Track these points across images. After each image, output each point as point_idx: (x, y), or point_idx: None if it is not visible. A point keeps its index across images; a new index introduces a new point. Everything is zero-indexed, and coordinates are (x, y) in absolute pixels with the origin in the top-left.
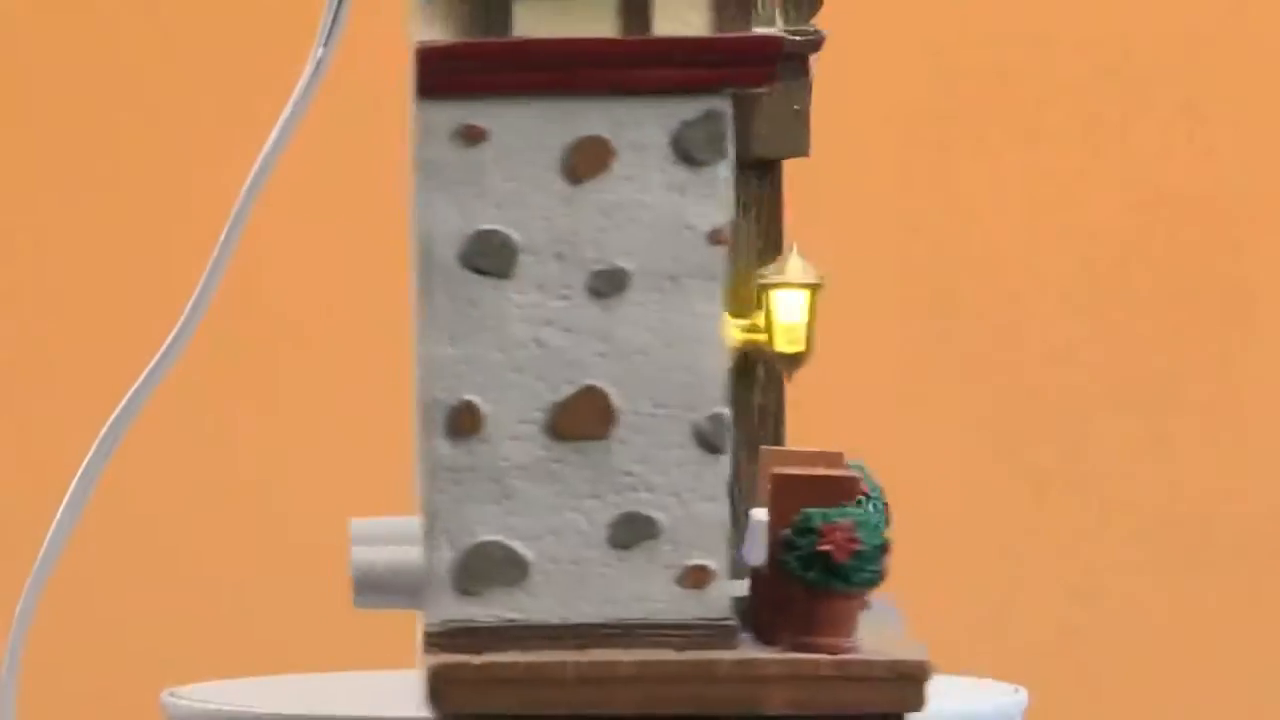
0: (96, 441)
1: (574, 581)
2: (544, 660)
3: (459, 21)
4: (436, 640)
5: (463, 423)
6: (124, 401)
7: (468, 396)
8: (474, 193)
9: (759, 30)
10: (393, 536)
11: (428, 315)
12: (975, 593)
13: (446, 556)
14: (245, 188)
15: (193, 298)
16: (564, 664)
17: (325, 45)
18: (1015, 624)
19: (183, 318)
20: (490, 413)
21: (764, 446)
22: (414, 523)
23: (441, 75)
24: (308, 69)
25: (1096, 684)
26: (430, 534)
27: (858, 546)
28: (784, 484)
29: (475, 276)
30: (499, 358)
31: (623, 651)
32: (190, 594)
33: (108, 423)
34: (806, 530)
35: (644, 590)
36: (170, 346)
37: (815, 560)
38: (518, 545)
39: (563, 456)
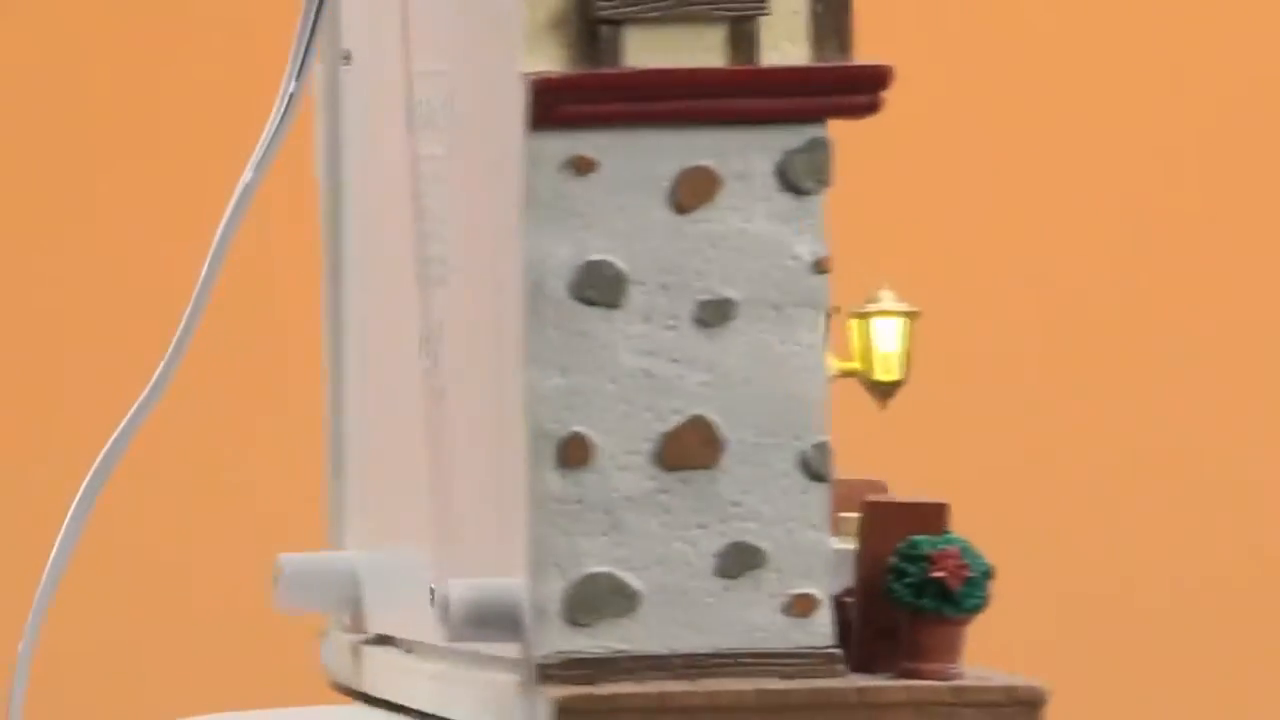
0: (93, 466)
1: (682, 611)
2: (668, 690)
3: (567, 52)
4: (551, 672)
5: (572, 454)
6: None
7: (577, 428)
8: (583, 224)
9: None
10: (322, 571)
11: (536, 347)
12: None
13: (556, 588)
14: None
15: (185, 313)
16: (690, 693)
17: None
18: None
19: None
20: (599, 444)
21: None
22: (341, 558)
23: (554, 107)
24: (277, 107)
25: None
26: (538, 566)
27: (968, 573)
28: (879, 512)
29: (584, 308)
30: (609, 388)
31: (734, 680)
32: (199, 622)
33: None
34: (916, 558)
35: (750, 619)
36: (166, 367)
37: (928, 587)
38: (627, 576)
39: (670, 486)
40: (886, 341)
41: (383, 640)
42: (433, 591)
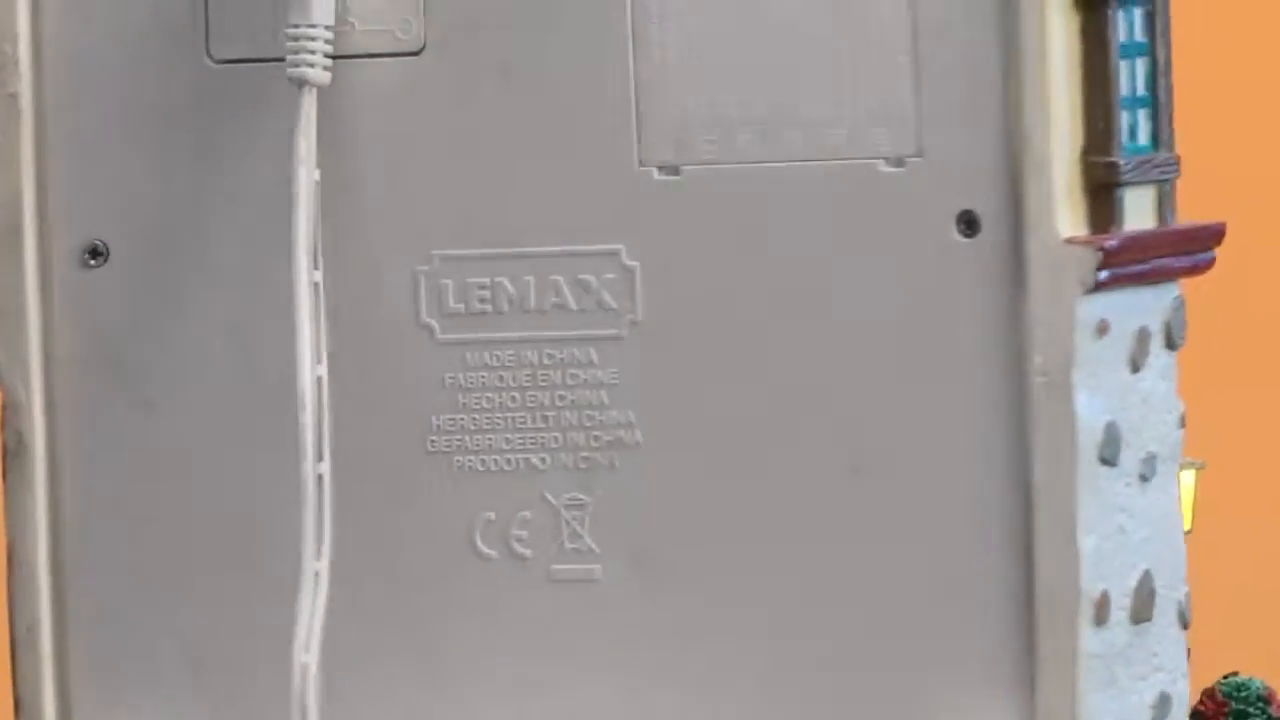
0: None
1: None
2: None
3: (1083, 215)
4: None
5: (1100, 612)
6: None
7: (1102, 586)
8: (1100, 385)
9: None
10: None
11: (1073, 508)
12: None
13: None
14: None
15: None
16: None
17: None
18: None
19: None
20: (1113, 600)
21: None
22: None
23: (1110, 269)
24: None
25: None
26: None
27: None
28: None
29: (1102, 468)
30: (1109, 546)
31: None
32: None
33: None
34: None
35: None
36: None
37: None
38: None
39: (1131, 639)
40: (1185, 492)
41: None
42: None
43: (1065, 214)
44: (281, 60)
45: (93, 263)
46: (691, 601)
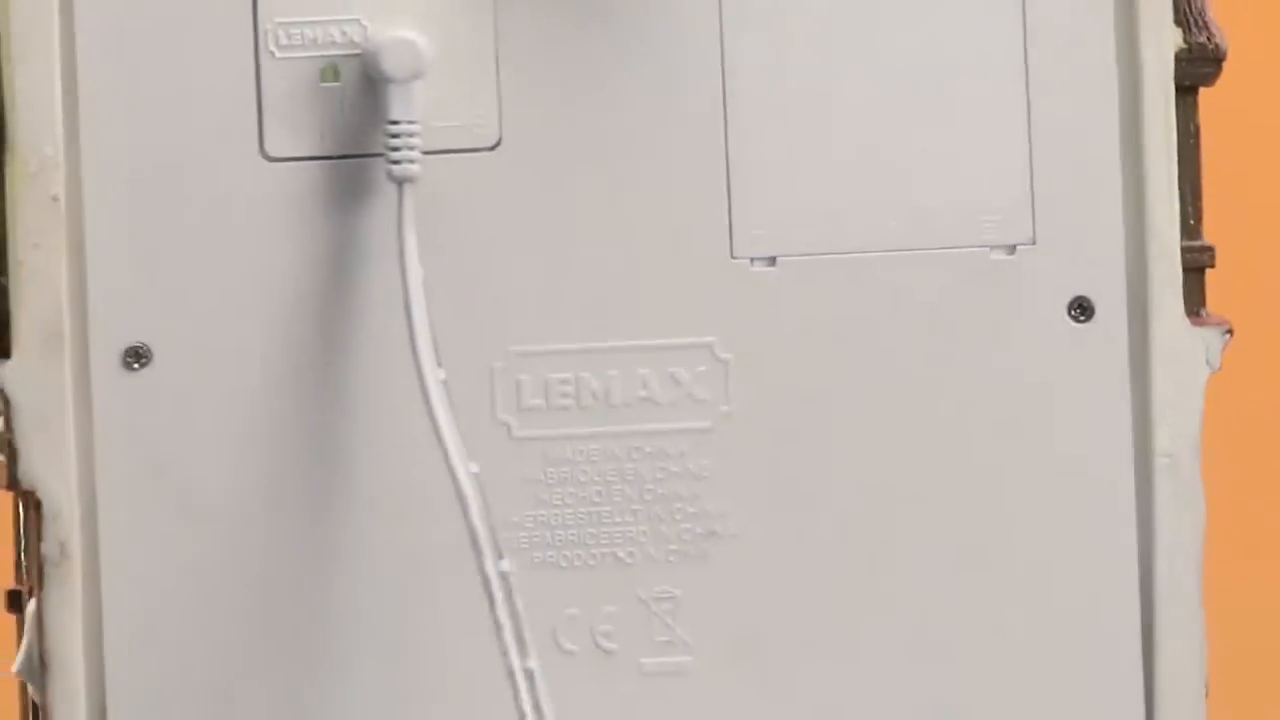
0: None
1: None
2: None
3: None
4: None
5: None
6: None
7: None
8: None
9: None
10: None
11: (1198, 592)
12: None
13: None
14: None
15: None
16: None
17: None
18: None
19: None
20: None
21: None
22: None
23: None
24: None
25: None
26: None
27: None
28: None
29: None
30: None
31: None
32: None
33: None
34: None
35: None
36: None
37: None
38: None
39: None
40: None
41: None
42: None
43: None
44: (338, 158)
45: (136, 366)
46: (787, 692)
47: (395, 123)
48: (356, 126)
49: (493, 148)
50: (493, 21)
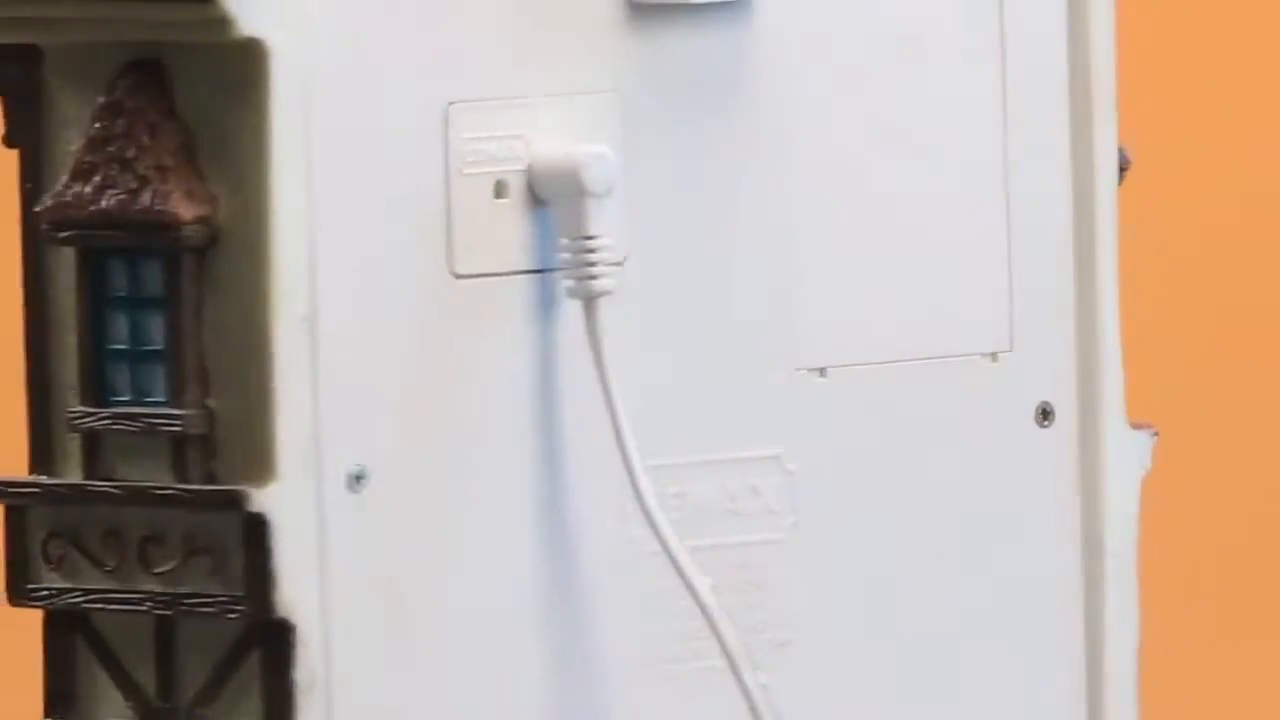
0: None
1: None
2: None
3: None
4: None
5: None
6: None
7: None
8: None
9: None
10: None
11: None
12: None
13: None
14: None
15: None
16: None
17: None
18: None
19: None
20: None
21: None
22: None
23: None
24: None
25: None
26: None
27: None
28: None
29: None
30: None
31: None
32: None
33: None
34: None
35: None
36: None
37: None
38: None
39: None
40: None
41: None
42: None
43: None
44: (525, 272)
45: (358, 488)
46: None
47: (591, 237)
48: (537, 241)
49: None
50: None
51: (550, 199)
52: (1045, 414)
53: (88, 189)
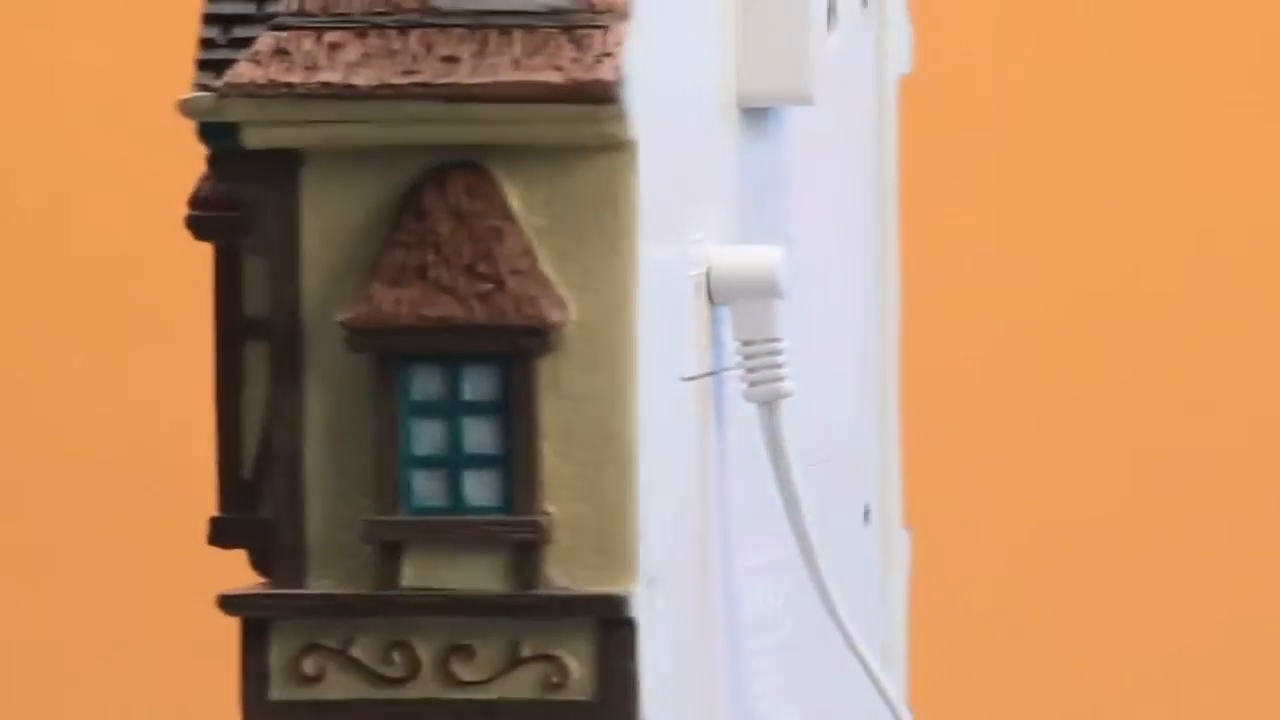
0: None
1: None
2: None
3: None
4: None
5: None
6: None
7: None
8: None
9: None
10: None
11: None
12: None
13: None
14: None
15: None
16: None
17: None
18: None
19: None
20: None
21: None
22: None
23: None
24: None
25: None
26: None
27: None
28: None
29: None
30: None
31: None
32: None
33: None
34: None
35: None
36: None
37: None
38: None
39: None
40: None
41: None
42: None
43: None
44: (707, 375)
45: (653, 589)
46: None
47: (776, 339)
48: (716, 342)
49: None
50: None
51: (729, 300)
52: (866, 514)
53: (412, 293)
